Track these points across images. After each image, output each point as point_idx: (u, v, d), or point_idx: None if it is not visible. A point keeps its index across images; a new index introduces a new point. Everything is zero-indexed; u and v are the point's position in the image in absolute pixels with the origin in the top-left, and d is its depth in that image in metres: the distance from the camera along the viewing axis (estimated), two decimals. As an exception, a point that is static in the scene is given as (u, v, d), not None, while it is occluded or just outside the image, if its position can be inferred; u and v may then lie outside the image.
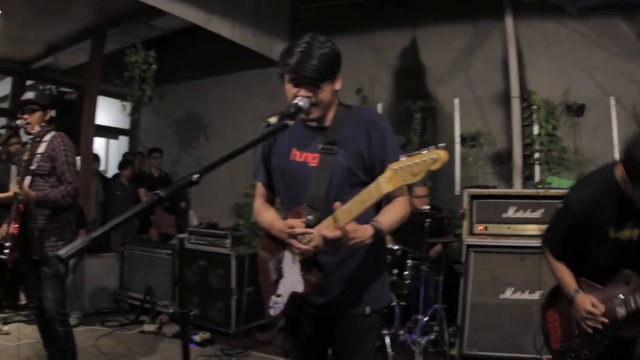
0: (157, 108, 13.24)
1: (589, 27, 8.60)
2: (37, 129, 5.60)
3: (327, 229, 2.85)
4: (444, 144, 2.47)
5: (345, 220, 2.79)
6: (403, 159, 2.56)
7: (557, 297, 4.32)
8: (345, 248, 2.91)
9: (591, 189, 3.95)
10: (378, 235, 3.00)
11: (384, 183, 2.64)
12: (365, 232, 2.93)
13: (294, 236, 3.06)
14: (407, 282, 7.32)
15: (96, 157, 11.75)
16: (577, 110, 8.58)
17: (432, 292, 7.64)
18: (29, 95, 5.73)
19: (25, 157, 5.40)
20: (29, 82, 13.37)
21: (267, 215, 3.48)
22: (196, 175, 2.32)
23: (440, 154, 2.44)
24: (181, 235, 2.45)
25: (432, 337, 7.30)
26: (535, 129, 8.86)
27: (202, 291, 8.40)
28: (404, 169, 2.54)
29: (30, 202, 5.34)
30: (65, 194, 5.44)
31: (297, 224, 3.05)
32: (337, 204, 2.84)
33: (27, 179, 5.39)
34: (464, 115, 9.47)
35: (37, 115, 5.68)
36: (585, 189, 4.03)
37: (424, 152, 2.48)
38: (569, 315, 4.13)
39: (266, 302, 3.42)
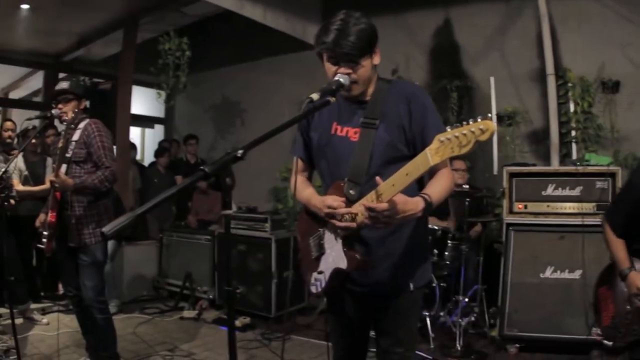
0: (191, 95, 13.31)
1: (621, 2, 8.46)
2: (71, 116, 5.58)
3: (372, 202, 2.82)
4: (490, 115, 2.41)
5: (389, 195, 2.75)
6: (449, 130, 2.49)
7: (609, 275, 4.37)
8: (396, 222, 2.85)
9: None
10: (429, 208, 2.95)
11: (431, 154, 2.58)
12: (417, 205, 2.87)
13: (333, 215, 3.04)
14: (447, 263, 7.29)
15: (132, 146, 11.82)
16: (612, 87, 8.47)
17: (472, 272, 7.61)
18: (64, 84, 5.72)
19: (60, 144, 5.39)
20: (61, 75, 13.41)
21: (305, 192, 3.45)
22: (241, 151, 2.31)
23: (489, 124, 2.37)
24: (227, 212, 2.42)
25: (473, 318, 7.26)
26: (571, 107, 8.74)
27: (241, 276, 8.42)
28: (452, 140, 2.47)
29: (68, 190, 5.34)
30: (102, 178, 5.43)
31: (338, 203, 3.04)
32: (378, 178, 2.81)
33: (63, 167, 5.37)
34: (500, 93, 9.31)
35: (72, 104, 5.66)
36: None
37: (472, 122, 2.42)
38: (621, 292, 4.18)
39: (307, 280, 3.42)
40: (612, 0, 8.50)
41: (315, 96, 2.84)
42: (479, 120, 2.39)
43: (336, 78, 3.03)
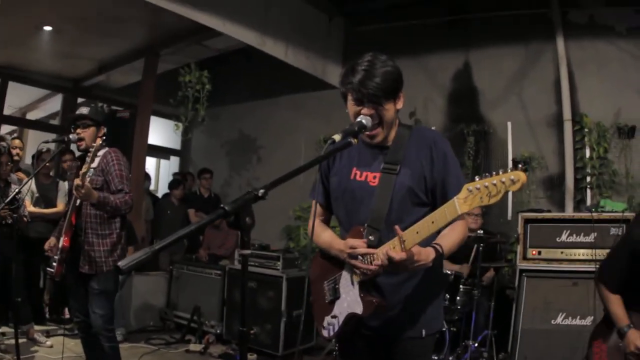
0: (209, 128, 13.36)
1: (638, 47, 8.57)
2: (91, 144, 5.55)
3: (393, 250, 2.83)
4: (522, 165, 2.40)
5: (412, 242, 2.78)
6: (478, 179, 2.50)
7: (605, 328, 4.36)
8: (408, 270, 2.91)
9: None
10: (439, 259, 2.99)
11: (459, 204, 2.60)
12: (428, 255, 2.91)
13: (355, 256, 3.03)
14: (458, 307, 7.24)
15: (147, 177, 11.84)
16: (628, 132, 8.50)
17: (483, 317, 7.56)
18: (83, 110, 5.74)
19: (84, 169, 5.38)
20: (80, 100, 13.50)
21: (325, 235, 3.44)
22: (262, 190, 2.31)
23: (520, 175, 2.36)
24: (245, 252, 2.39)
25: (481, 364, 7.21)
26: (587, 152, 8.77)
27: (251, 313, 8.34)
28: (481, 190, 2.49)
29: (90, 200, 5.30)
30: (123, 201, 5.44)
31: (360, 244, 3.03)
32: (397, 227, 2.82)
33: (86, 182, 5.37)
34: (517, 138, 9.41)
35: (91, 130, 5.67)
36: None
37: (502, 173, 2.42)
38: (617, 347, 4.17)
39: (319, 323, 3.39)
40: (630, 44, 8.61)
41: (337, 137, 2.84)
42: (510, 170, 2.39)
43: (358, 119, 3.02)
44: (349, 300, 3.13)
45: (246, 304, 2.44)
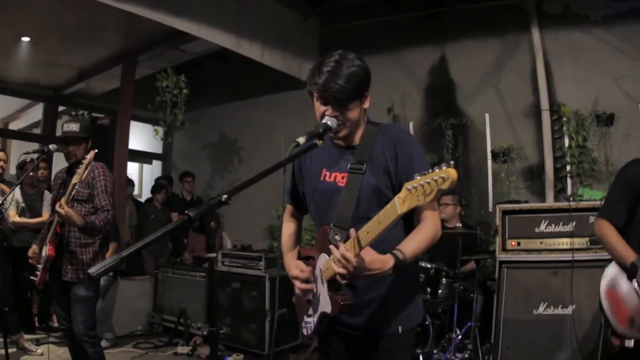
0: (189, 132, 13.37)
1: (615, 35, 8.61)
2: (82, 157, 5.59)
3: (349, 250, 2.76)
4: (452, 162, 2.39)
5: (366, 242, 2.72)
6: (417, 177, 2.45)
7: (612, 278, 4.47)
8: (363, 279, 2.83)
9: None
10: (400, 265, 2.86)
11: (399, 203, 2.54)
12: (385, 263, 2.81)
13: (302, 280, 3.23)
14: (441, 301, 7.28)
15: (131, 183, 11.84)
16: (606, 120, 8.53)
17: (466, 310, 7.60)
18: (74, 127, 5.81)
19: (75, 180, 5.41)
20: (61, 108, 13.52)
21: (286, 257, 3.62)
22: (225, 196, 2.34)
23: (450, 173, 2.31)
24: (210, 255, 2.45)
25: (466, 355, 7.22)
26: (566, 141, 8.81)
27: (235, 313, 8.42)
28: (417, 189, 2.44)
29: (74, 225, 5.39)
30: (106, 221, 5.56)
31: (302, 275, 3.25)
32: (352, 230, 2.77)
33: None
34: (495, 130, 9.47)
35: (83, 145, 5.82)
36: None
37: (436, 170, 2.37)
38: (630, 288, 4.25)
39: (300, 321, 3.43)
40: (606, 33, 8.65)
41: (301, 140, 2.85)
42: (444, 167, 2.35)
43: (324, 121, 3.04)
44: (321, 299, 3.16)
45: (217, 304, 2.50)
